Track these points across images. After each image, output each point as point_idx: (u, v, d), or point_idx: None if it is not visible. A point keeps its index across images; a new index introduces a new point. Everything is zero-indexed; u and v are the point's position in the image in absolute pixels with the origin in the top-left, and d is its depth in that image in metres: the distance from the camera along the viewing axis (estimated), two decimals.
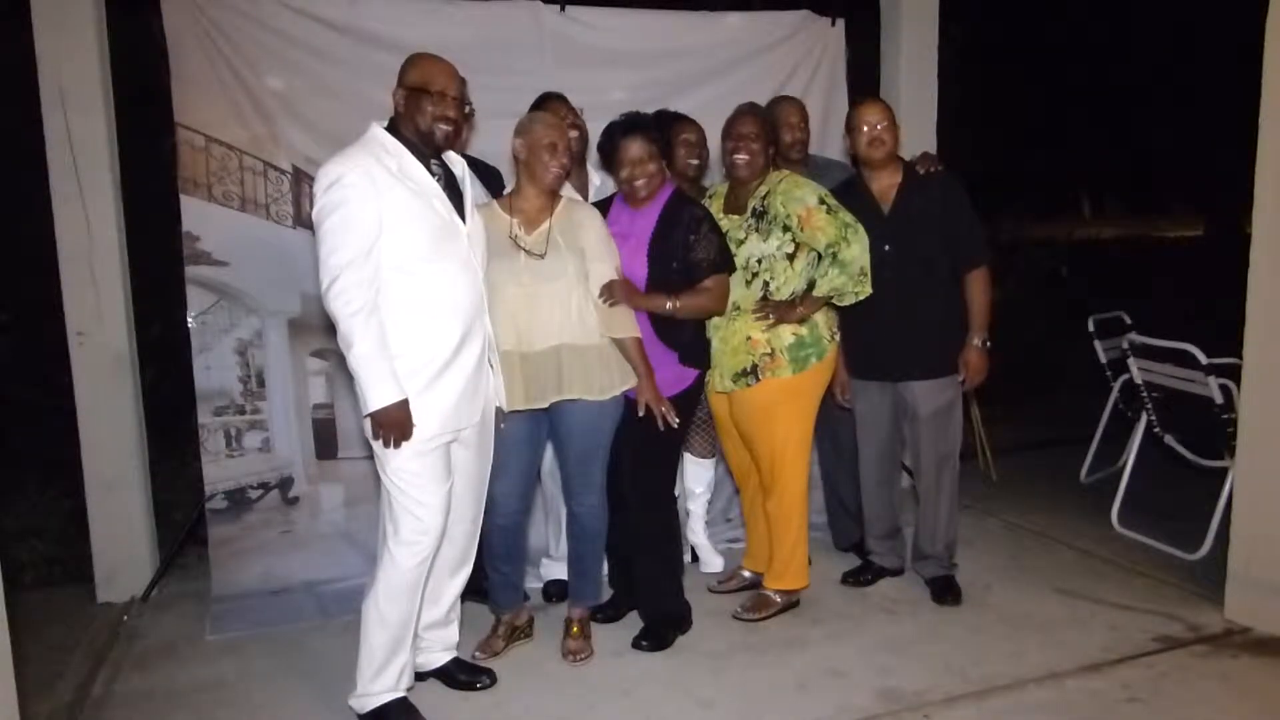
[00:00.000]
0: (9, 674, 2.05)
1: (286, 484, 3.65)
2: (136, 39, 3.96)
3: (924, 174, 3.22)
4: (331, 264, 2.31)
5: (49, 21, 3.24)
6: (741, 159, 3.04)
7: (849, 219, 3.01)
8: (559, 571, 3.38)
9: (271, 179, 3.54)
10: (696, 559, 3.64)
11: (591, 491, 2.91)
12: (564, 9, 3.84)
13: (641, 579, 3.07)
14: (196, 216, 3.44)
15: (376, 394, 2.33)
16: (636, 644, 2.99)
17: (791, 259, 3.03)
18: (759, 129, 3.05)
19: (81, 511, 3.49)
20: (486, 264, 2.63)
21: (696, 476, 3.56)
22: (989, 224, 3.75)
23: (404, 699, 2.56)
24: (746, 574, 3.42)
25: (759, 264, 3.03)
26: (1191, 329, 3.76)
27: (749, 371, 3.04)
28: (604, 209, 2.99)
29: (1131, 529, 3.87)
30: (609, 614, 3.17)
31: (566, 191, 2.93)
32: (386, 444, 2.38)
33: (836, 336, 3.17)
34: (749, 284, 3.04)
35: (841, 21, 4.23)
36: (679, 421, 2.86)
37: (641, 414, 2.81)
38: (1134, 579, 3.47)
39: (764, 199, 3.06)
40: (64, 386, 3.43)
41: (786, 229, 3.00)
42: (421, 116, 2.45)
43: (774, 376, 3.03)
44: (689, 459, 3.51)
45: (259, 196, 3.52)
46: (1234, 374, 3.32)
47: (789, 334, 3.04)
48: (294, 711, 2.69)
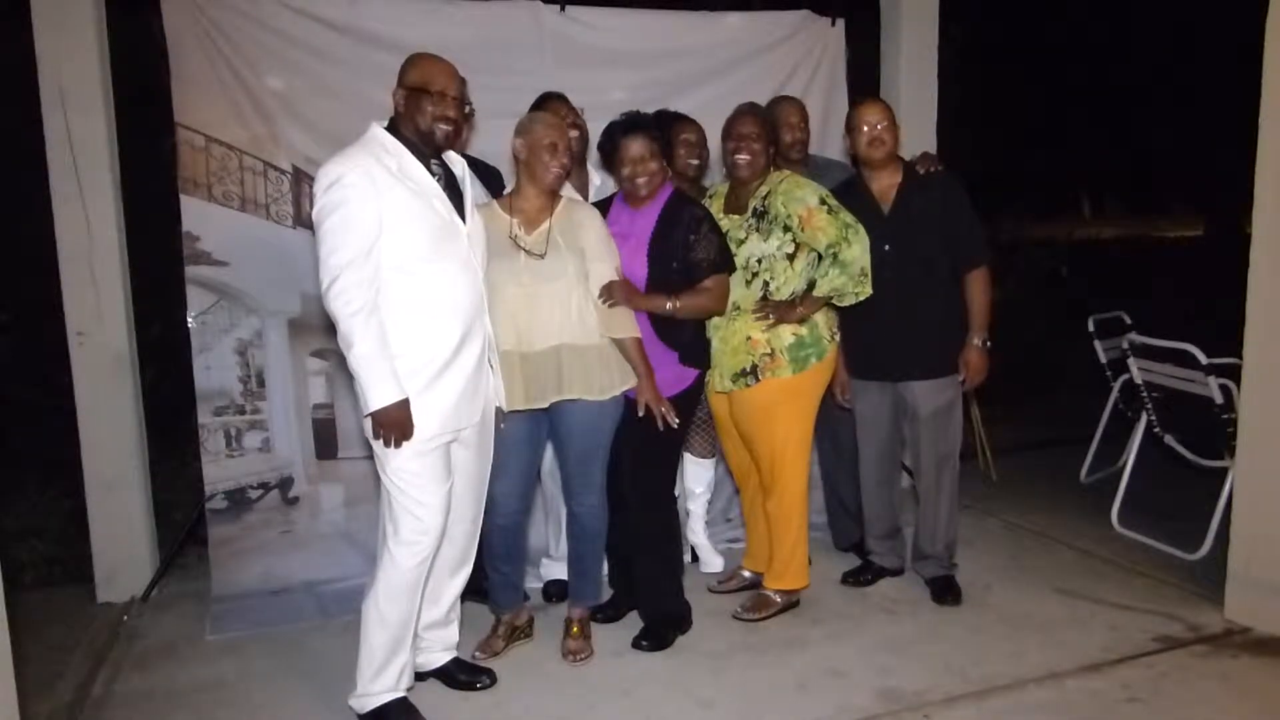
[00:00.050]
0: (9, 674, 2.05)
1: (286, 484, 3.65)
2: (136, 39, 3.96)
3: (924, 174, 3.22)
4: (331, 264, 2.31)
5: (49, 21, 3.24)
6: (743, 159, 3.04)
7: (850, 219, 3.01)
8: (559, 571, 3.38)
9: (271, 179, 3.54)
10: (696, 559, 3.64)
11: (591, 491, 2.91)
12: (564, 9, 3.84)
13: (641, 579, 3.07)
14: (196, 216, 3.45)
15: (377, 394, 2.33)
16: (636, 644, 2.99)
17: (792, 259, 3.03)
18: (760, 129, 3.05)
19: (81, 511, 3.49)
20: (486, 264, 2.63)
21: (696, 476, 3.56)
22: (989, 224, 3.75)
23: (404, 699, 2.56)
24: (746, 574, 3.43)
25: (759, 264, 3.03)
26: (1191, 329, 3.76)
27: (749, 372, 3.04)
28: (604, 209, 2.99)
29: (1131, 529, 3.87)
30: (609, 614, 3.17)
31: (567, 191, 2.92)
32: (387, 444, 2.38)
33: (836, 336, 3.17)
34: (749, 284, 3.04)
35: (841, 21, 4.23)
36: (679, 421, 2.86)
37: (641, 414, 2.81)
38: (1134, 579, 3.47)
39: (765, 199, 3.05)
40: (64, 386, 3.43)
41: (787, 229, 3.00)
42: (421, 116, 2.45)
43: (774, 377, 3.03)
44: (689, 459, 3.51)
45: (259, 196, 3.53)
46: (1234, 374, 3.32)
47: (789, 334, 3.04)
48: (294, 711, 2.69)
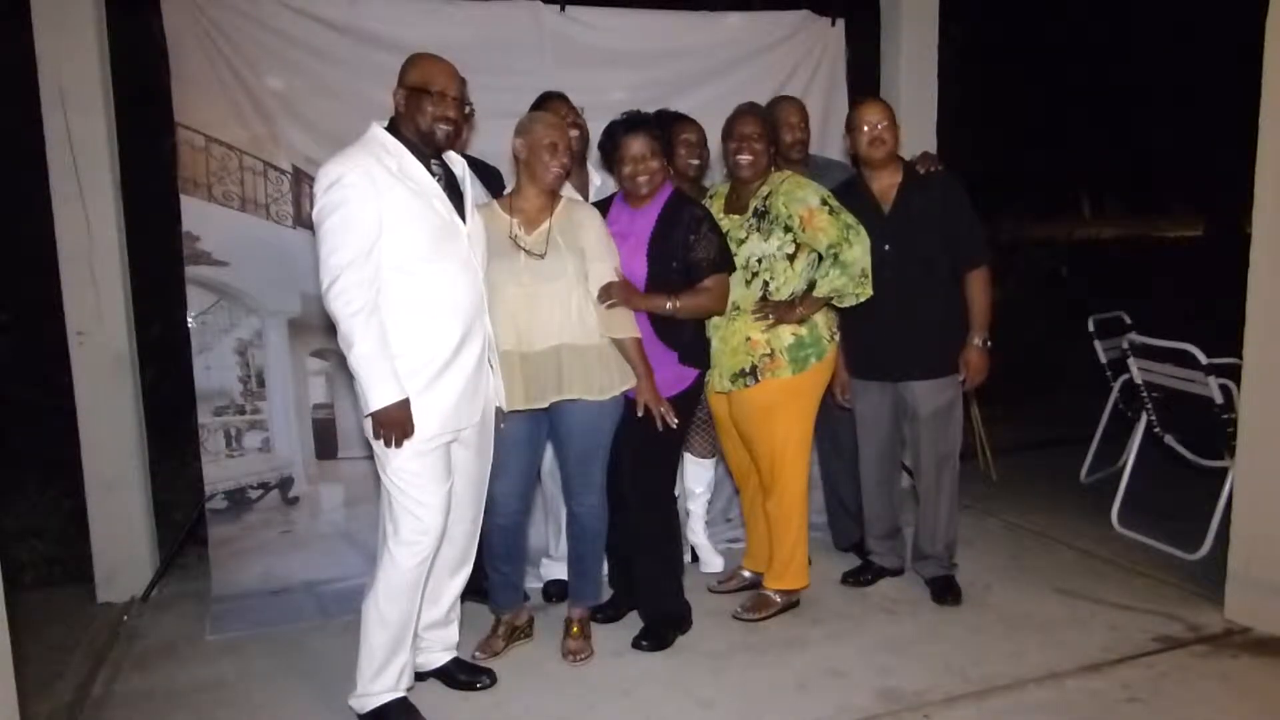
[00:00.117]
0: (9, 674, 2.05)
1: (286, 484, 3.65)
2: (136, 39, 3.96)
3: (924, 174, 3.22)
4: (332, 264, 2.31)
5: (49, 21, 3.24)
6: (745, 159, 3.04)
7: (851, 220, 3.01)
8: (559, 571, 3.38)
9: (271, 179, 3.54)
10: (696, 559, 3.64)
11: (591, 491, 2.91)
12: (564, 9, 3.84)
13: (641, 579, 3.06)
14: (196, 216, 3.45)
15: (377, 394, 2.33)
16: (636, 644, 2.99)
17: (792, 259, 3.02)
18: (761, 129, 3.05)
19: (81, 511, 3.49)
20: (486, 264, 2.63)
21: (696, 476, 3.56)
22: (989, 224, 3.75)
23: (404, 699, 2.56)
24: (746, 574, 3.43)
25: (759, 264, 3.03)
26: (1191, 329, 3.76)
27: (748, 372, 3.04)
28: (604, 209, 2.99)
29: (1131, 529, 3.87)
30: (609, 614, 3.17)
31: (567, 191, 2.92)
32: (387, 444, 2.38)
33: (836, 337, 3.17)
34: (749, 284, 3.04)
35: (841, 21, 4.23)
36: (679, 421, 2.86)
37: (641, 414, 2.82)
38: (1134, 579, 3.46)
39: (766, 199, 3.05)
40: (64, 386, 3.43)
41: (788, 229, 3.00)
42: (422, 116, 2.45)
43: (773, 377, 3.03)
44: (689, 459, 3.51)
45: (259, 196, 3.53)
46: (1234, 374, 3.32)
47: (788, 334, 3.04)
48: (294, 711, 2.69)
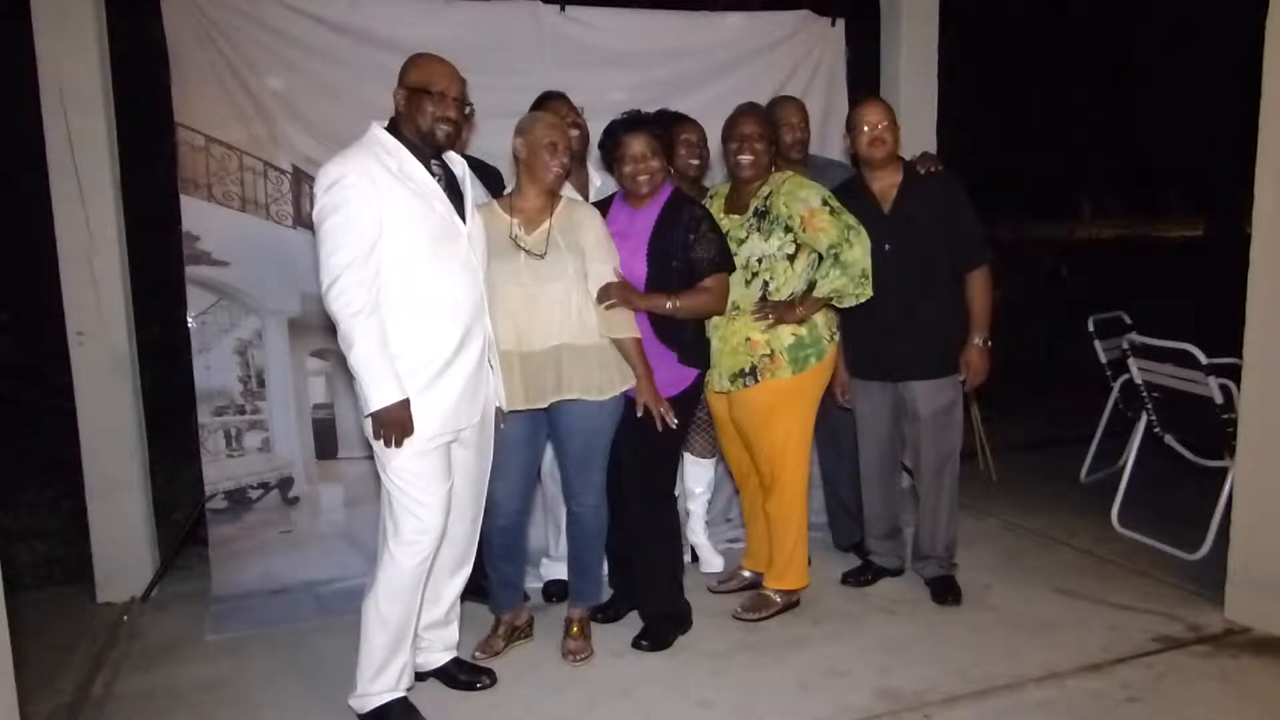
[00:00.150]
0: (9, 674, 2.04)
1: (286, 484, 3.65)
2: (136, 39, 3.96)
3: (924, 174, 3.22)
4: (332, 264, 2.31)
5: (49, 21, 3.24)
6: (746, 159, 3.04)
7: (852, 221, 3.01)
8: (559, 571, 3.38)
9: (271, 179, 3.54)
10: (696, 559, 3.64)
11: (591, 491, 2.91)
12: (564, 9, 3.84)
13: (641, 579, 3.06)
14: (196, 216, 3.45)
15: (377, 394, 2.33)
16: (636, 644, 2.99)
17: (792, 260, 3.02)
18: (762, 129, 3.05)
19: (81, 511, 3.49)
20: (486, 264, 2.62)
21: (696, 476, 3.56)
22: (989, 224, 3.75)
23: (404, 699, 2.56)
24: (746, 574, 3.42)
25: (759, 264, 3.03)
26: (1191, 329, 3.76)
27: (748, 372, 3.04)
28: (603, 209, 2.99)
29: (1131, 529, 3.87)
30: (609, 614, 3.17)
31: (567, 191, 2.93)
32: (387, 444, 2.38)
33: (836, 337, 3.17)
34: (748, 284, 3.04)
35: (841, 21, 4.23)
36: (679, 422, 2.86)
37: (641, 415, 2.82)
38: (1134, 579, 3.46)
39: (766, 199, 3.05)
40: (64, 386, 3.43)
41: (788, 229, 3.00)
42: (422, 117, 2.45)
43: (773, 378, 3.03)
44: (689, 459, 3.51)
45: (259, 196, 3.53)
46: (1234, 374, 3.32)
47: (788, 334, 3.04)
48: (294, 711, 2.69)
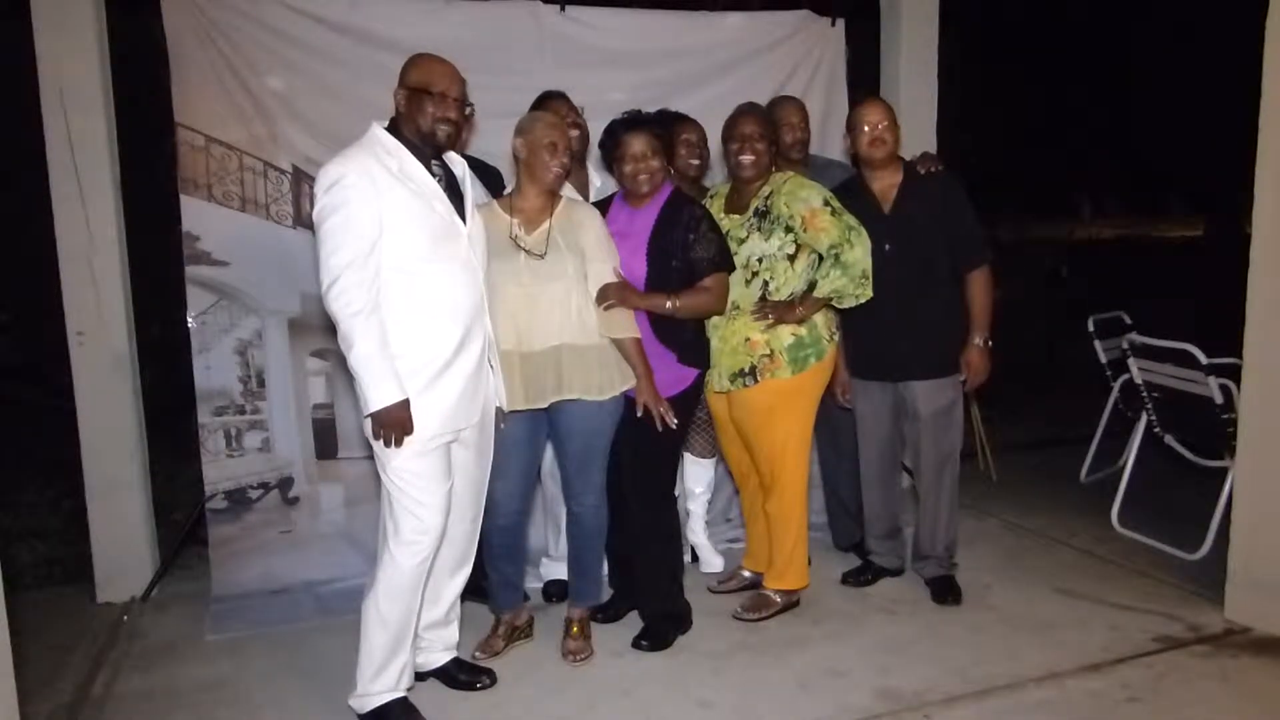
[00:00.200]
0: (9, 674, 2.04)
1: (286, 484, 3.65)
2: (136, 39, 3.96)
3: (924, 174, 3.22)
4: (332, 264, 2.31)
5: (49, 21, 3.24)
6: (747, 159, 3.04)
7: (853, 222, 3.01)
8: (559, 571, 3.38)
9: (271, 179, 3.54)
10: (696, 559, 3.64)
11: (591, 491, 2.90)
12: (564, 9, 3.84)
13: (641, 579, 3.06)
14: (196, 216, 3.45)
15: (377, 394, 2.33)
16: (636, 644, 2.99)
17: (792, 260, 3.02)
18: (762, 129, 3.05)
19: (81, 511, 3.49)
20: (486, 264, 2.62)
21: (696, 476, 3.56)
22: (989, 224, 3.74)
23: (404, 699, 2.56)
24: (746, 574, 3.42)
25: (759, 263, 3.03)
26: (1191, 329, 3.77)
27: (747, 372, 3.04)
28: (603, 208, 2.99)
29: (1131, 529, 3.87)
30: (609, 614, 3.17)
31: (567, 191, 2.92)
32: (387, 444, 2.38)
33: (836, 337, 3.17)
34: (748, 283, 3.04)
35: (841, 21, 4.23)
36: (678, 422, 2.86)
37: (640, 415, 2.82)
38: (1134, 579, 3.46)
39: (767, 199, 3.05)
40: (64, 386, 3.43)
41: (789, 229, 3.00)
42: (423, 117, 2.45)
43: (773, 377, 3.03)
44: (689, 459, 3.51)
45: (259, 196, 3.53)
46: (1234, 374, 3.32)
47: (788, 334, 3.04)
48: (294, 711, 2.69)
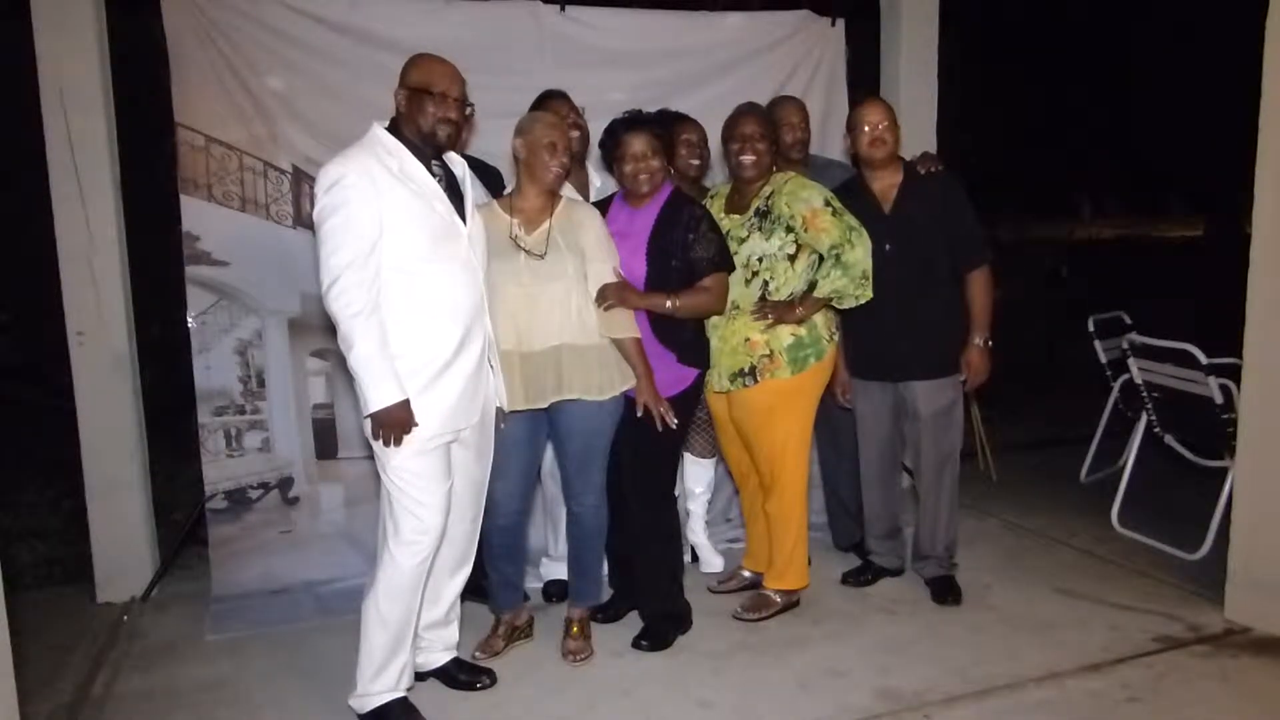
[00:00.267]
0: (9, 674, 2.04)
1: (286, 484, 3.65)
2: (136, 39, 3.96)
3: (924, 174, 3.22)
4: (332, 265, 2.31)
5: (49, 21, 3.24)
6: (748, 159, 3.04)
7: (854, 223, 3.01)
8: (559, 571, 3.38)
9: (271, 179, 3.54)
10: (696, 559, 3.64)
11: (591, 491, 2.90)
12: (564, 9, 3.84)
13: (641, 579, 3.06)
14: (196, 216, 3.45)
15: (377, 394, 2.33)
16: (636, 644, 2.99)
17: (793, 260, 3.02)
18: (763, 129, 3.05)
19: (81, 511, 3.49)
20: (486, 264, 2.62)
21: (696, 476, 3.56)
22: (989, 224, 3.74)
23: (404, 699, 2.56)
24: (746, 574, 3.42)
25: (759, 263, 3.03)
26: (1191, 329, 3.77)
27: (747, 373, 3.04)
28: (603, 208, 2.99)
29: (1131, 529, 3.87)
30: (609, 614, 3.17)
31: (567, 191, 2.92)
32: (387, 444, 2.38)
33: (835, 337, 3.18)
34: (748, 283, 3.04)
35: (841, 21, 4.23)
36: (678, 422, 2.86)
37: (640, 414, 2.82)
38: (1134, 579, 3.46)
39: (768, 199, 3.05)
40: (64, 386, 3.43)
41: (790, 230, 3.00)
42: (423, 117, 2.45)
43: (772, 378, 3.03)
44: (689, 459, 3.51)
45: (259, 196, 3.53)
46: (1234, 374, 3.32)
47: (788, 334, 3.04)
48: (294, 711, 2.69)
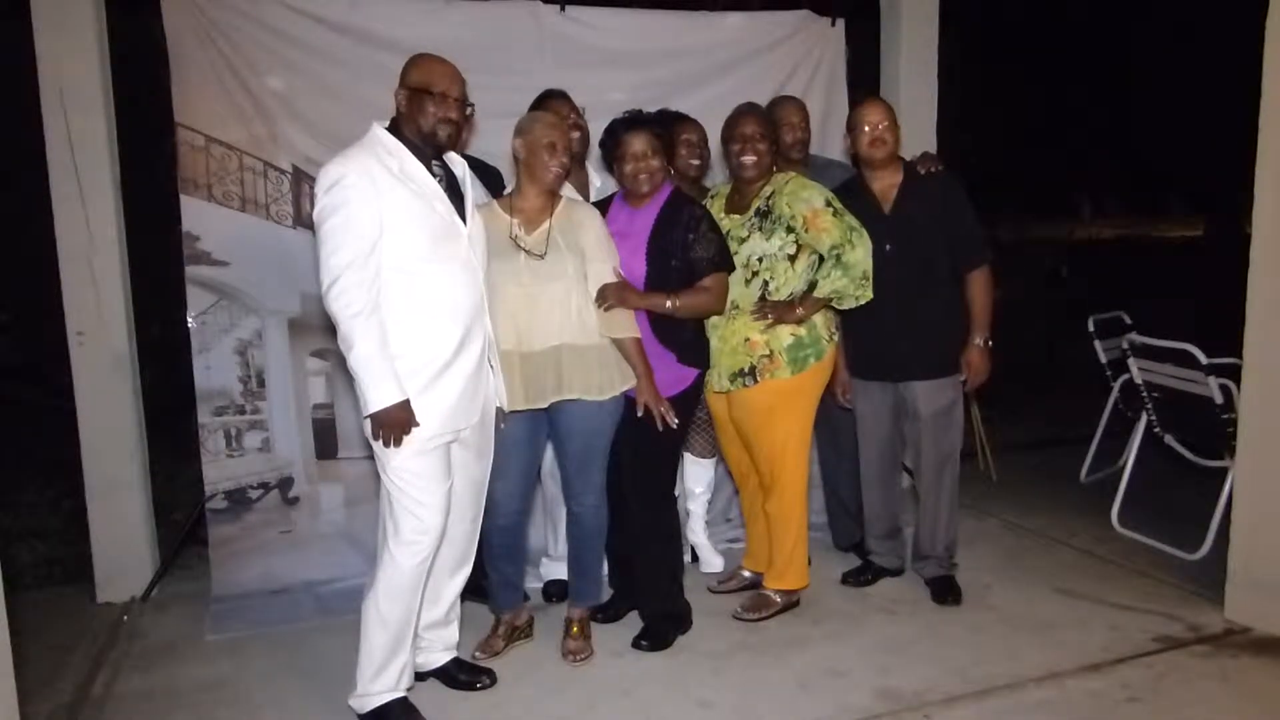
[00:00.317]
0: (9, 674, 2.04)
1: (286, 484, 3.65)
2: (136, 39, 3.96)
3: (924, 174, 3.22)
4: (332, 265, 2.31)
5: (49, 21, 3.24)
6: (749, 160, 3.04)
7: (854, 223, 3.01)
8: (559, 571, 3.38)
9: (271, 179, 3.54)
10: (696, 559, 3.64)
11: (591, 491, 2.91)
12: (564, 9, 3.84)
13: (641, 579, 3.06)
14: (196, 216, 3.45)
15: (377, 395, 2.33)
16: (636, 644, 2.99)
17: (793, 260, 3.02)
18: (763, 129, 3.05)
19: (81, 511, 3.49)
20: (486, 264, 2.62)
21: (696, 476, 3.56)
22: (989, 224, 3.75)
23: (404, 699, 2.56)
24: (746, 574, 3.42)
25: (759, 263, 3.03)
26: (1191, 329, 3.77)
27: (747, 373, 3.04)
28: (603, 208, 2.99)
29: (1131, 529, 3.87)
30: (609, 614, 3.17)
31: (567, 191, 2.92)
32: (386, 444, 2.38)
33: (835, 337, 3.18)
34: (748, 283, 3.04)
35: (841, 21, 4.23)
36: (679, 422, 2.86)
37: (641, 414, 2.82)
38: (1134, 579, 3.46)
39: (769, 199, 3.05)
40: (64, 386, 3.43)
41: (790, 230, 3.00)
42: (424, 117, 2.45)
43: (772, 378, 3.03)
44: (689, 459, 3.51)
45: (259, 196, 3.53)
46: (1234, 374, 3.32)
47: (787, 335, 3.04)
48: (294, 711, 2.69)
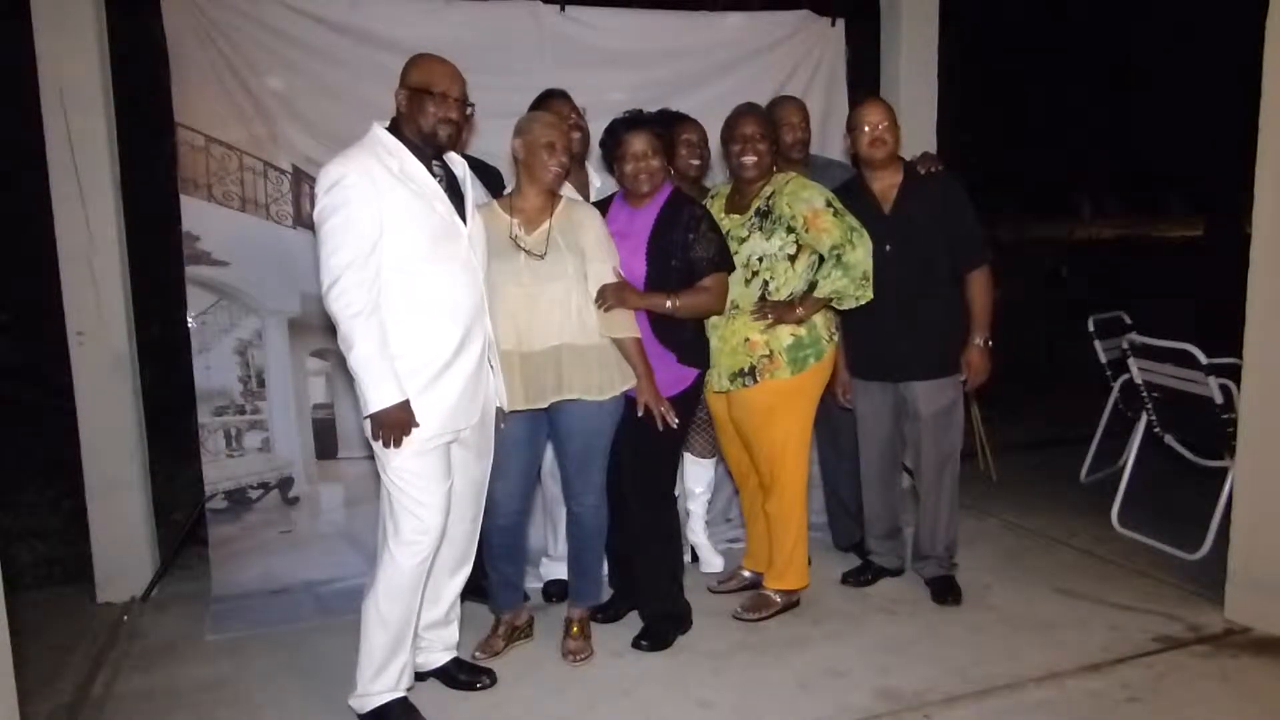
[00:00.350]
0: (9, 674, 2.04)
1: (286, 484, 3.65)
2: (136, 39, 3.96)
3: (924, 174, 3.22)
4: (332, 265, 2.31)
5: (49, 21, 3.25)
6: (749, 160, 3.04)
7: (855, 223, 3.01)
8: (559, 571, 3.39)
9: (271, 179, 3.54)
10: (696, 559, 3.64)
11: (591, 491, 2.91)
12: (564, 9, 3.84)
13: (641, 579, 3.06)
14: (196, 216, 3.45)
15: (377, 395, 2.33)
16: (636, 644, 2.99)
17: (793, 260, 3.02)
18: (763, 129, 3.06)
19: (81, 511, 3.49)
20: (486, 264, 2.62)
21: (696, 476, 3.56)
22: (989, 224, 3.75)
23: (404, 699, 2.56)
24: (746, 574, 3.42)
25: (759, 262, 3.03)
26: (1191, 329, 3.77)
27: (747, 373, 3.04)
28: (603, 208, 2.99)
29: (1131, 529, 3.87)
30: (609, 614, 3.17)
31: (567, 191, 2.92)
32: (386, 444, 2.38)
33: (835, 337, 3.18)
34: (748, 283, 3.04)
35: (841, 21, 4.23)
36: (679, 422, 2.87)
37: (641, 414, 2.82)
38: (1134, 579, 3.46)
39: (769, 199, 3.05)
40: (64, 386, 3.43)
41: (790, 230, 3.00)
42: (424, 117, 2.45)
43: (772, 378, 3.03)
44: (689, 459, 3.51)
45: (259, 196, 3.53)
46: (1234, 374, 3.32)
47: (787, 335, 3.04)
48: (294, 711, 2.69)
